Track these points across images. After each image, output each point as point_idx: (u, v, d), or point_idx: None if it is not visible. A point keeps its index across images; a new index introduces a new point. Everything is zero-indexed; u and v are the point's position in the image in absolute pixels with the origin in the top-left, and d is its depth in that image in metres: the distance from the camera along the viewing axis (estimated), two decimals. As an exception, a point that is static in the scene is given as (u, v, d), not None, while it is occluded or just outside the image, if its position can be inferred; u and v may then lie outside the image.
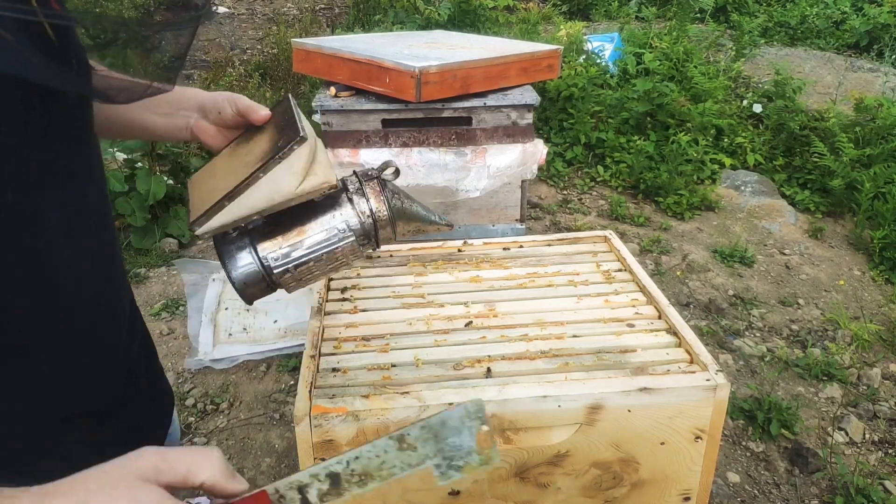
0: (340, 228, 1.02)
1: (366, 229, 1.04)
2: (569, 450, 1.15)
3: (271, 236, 1.00)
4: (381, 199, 1.05)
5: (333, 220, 1.02)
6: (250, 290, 1.01)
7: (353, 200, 1.04)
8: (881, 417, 2.49)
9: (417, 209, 1.15)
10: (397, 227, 1.09)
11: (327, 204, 1.02)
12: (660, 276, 3.35)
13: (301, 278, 1.03)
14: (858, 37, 5.98)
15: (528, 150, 2.41)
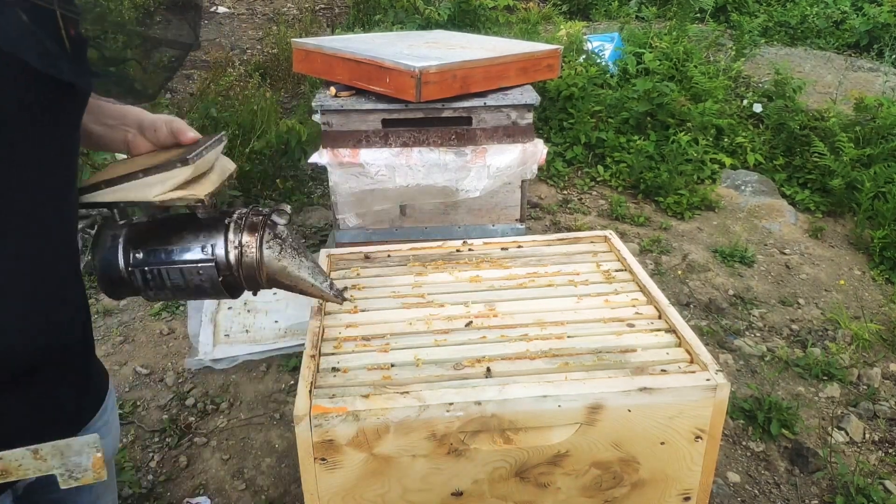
0: (205, 250, 1.00)
1: (229, 261, 1.00)
2: (569, 450, 1.15)
3: (143, 237, 1.01)
4: (255, 235, 1.01)
5: (199, 240, 1.00)
6: (107, 277, 1.00)
7: (228, 228, 1.01)
8: (881, 417, 2.49)
9: (296, 266, 1.06)
10: (265, 272, 1.03)
11: (203, 224, 1.01)
12: (660, 275, 3.35)
13: (153, 287, 1.01)
14: (858, 36, 5.98)
15: (528, 149, 2.41)
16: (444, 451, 1.13)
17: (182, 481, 2.20)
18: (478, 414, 1.11)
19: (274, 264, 1.03)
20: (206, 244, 1.00)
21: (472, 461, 1.14)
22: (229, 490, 2.17)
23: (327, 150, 2.38)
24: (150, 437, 2.37)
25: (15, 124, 0.78)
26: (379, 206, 2.46)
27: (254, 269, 1.01)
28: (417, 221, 2.52)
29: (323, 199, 4.02)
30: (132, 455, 2.29)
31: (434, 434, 1.11)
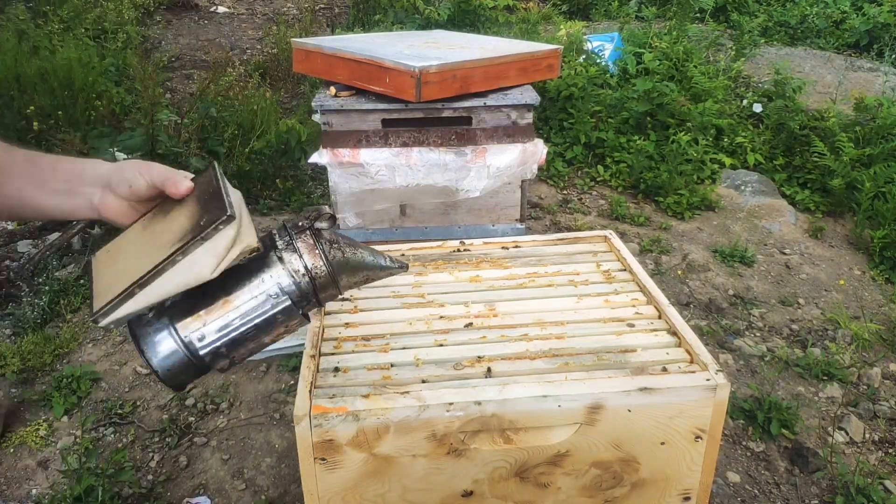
0: (272, 293, 0.89)
1: (303, 290, 0.90)
2: (569, 450, 1.15)
3: (193, 312, 0.87)
4: (315, 253, 0.91)
5: (263, 284, 0.89)
6: (179, 378, 0.88)
7: (283, 259, 0.90)
8: (881, 417, 2.49)
9: (363, 257, 0.99)
10: (342, 281, 0.95)
11: (254, 267, 0.89)
12: (660, 275, 3.35)
13: (236, 356, 0.91)
14: (858, 36, 5.98)
15: (528, 149, 2.41)
16: (444, 451, 1.13)
17: (182, 481, 2.20)
18: (478, 414, 1.11)
19: (345, 269, 0.96)
20: (271, 286, 0.89)
21: (472, 461, 1.14)
22: (229, 490, 2.17)
23: (327, 150, 2.38)
24: (150, 437, 2.37)
25: None
26: (379, 205, 2.46)
27: (330, 285, 0.93)
28: (417, 221, 2.52)
29: (323, 199, 4.02)
30: (132, 455, 2.29)
31: (434, 434, 1.11)
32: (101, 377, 2.64)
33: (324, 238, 0.94)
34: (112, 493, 2.09)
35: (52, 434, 2.38)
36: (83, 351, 2.79)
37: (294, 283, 0.90)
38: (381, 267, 1.03)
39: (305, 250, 0.91)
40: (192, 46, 5.95)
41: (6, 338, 2.85)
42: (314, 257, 0.91)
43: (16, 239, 3.56)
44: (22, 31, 4.96)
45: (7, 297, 3.11)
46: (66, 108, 4.24)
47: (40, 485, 2.20)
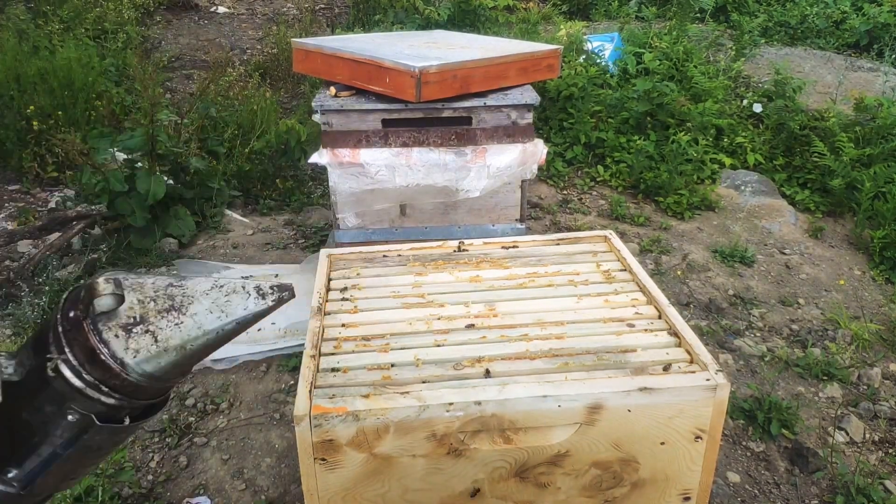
0: (71, 425, 0.68)
1: (109, 404, 0.68)
2: (569, 450, 1.15)
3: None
4: (100, 342, 0.68)
5: (45, 412, 0.68)
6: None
7: (60, 370, 0.68)
8: (881, 417, 2.49)
9: (194, 320, 0.71)
10: (166, 361, 0.71)
11: (31, 396, 0.69)
12: (660, 275, 3.35)
13: (50, 490, 0.74)
14: (858, 36, 5.98)
15: (528, 149, 2.41)
16: (444, 450, 1.13)
17: (182, 481, 2.20)
18: (478, 414, 1.11)
19: (153, 355, 0.69)
20: (61, 408, 0.68)
21: (472, 461, 1.14)
22: (229, 490, 2.17)
23: (327, 150, 2.38)
24: (150, 437, 2.37)
25: None
26: (379, 205, 2.46)
27: (138, 383, 0.69)
28: (417, 221, 2.52)
29: (323, 199, 4.02)
30: (132, 455, 2.29)
31: (434, 434, 1.11)
32: (101, 377, 2.64)
33: (109, 320, 0.68)
34: (112, 493, 2.09)
35: (52, 434, 2.38)
36: (83, 351, 2.79)
37: (86, 401, 0.68)
38: (215, 333, 0.72)
39: (88, 341, 0.68)
40: (192, 46, 5.95)
41: (6, 338, 2.85)
42: (113, 347, 0.68)
43: (16, 239, 3.56)
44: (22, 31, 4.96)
45: (7, 297, 3.11)
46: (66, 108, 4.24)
47: (40, 485, 2.20)
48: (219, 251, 3.50)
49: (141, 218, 3.37)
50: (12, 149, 4.17)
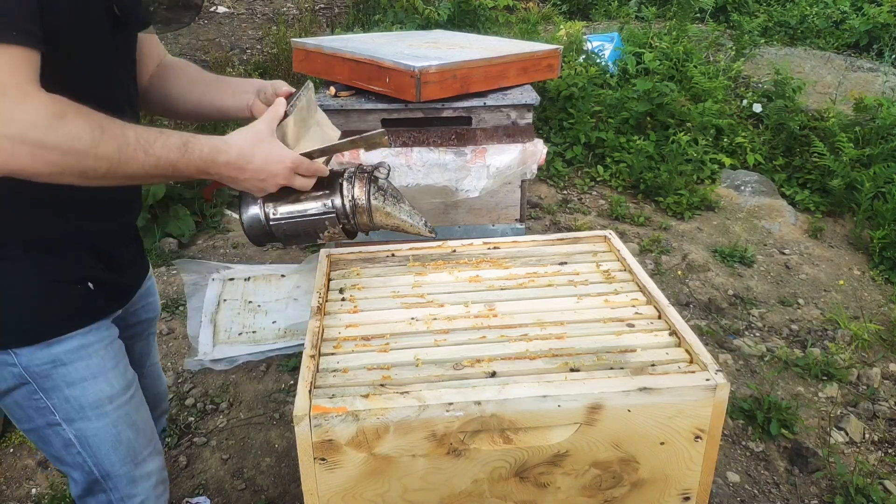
0: (325, 203, 1.24)
1: (346, 210, 1.25)
2: (569, 450, 1.16)
3: (277, 199, 1.24)
4: (363, 189, 1.25)
5: (322, 196, 1.24)
6: (253, 231, 1.26)
7: (342, 186, 1.25)
8: (881, 417, 2.50)
9: (399, 210, 1.30)
10: (375, 218, 1.27)
11: (324, 184, 1.25)
12: (660, 275, 3.35)
13: (289, 233, 1.26)
14: (858, 36, 5.98)
15: (528, 149, 2.41)
16: (443, 450, 1.13)
17: (182, 481, 2.20)
18: (477, 414, 1.11)
19: (380, 212, 1.27)
20: (327, 200, 1.24)
21: (472, 461, 1.15)
22: (229, 490, 2.17)
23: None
24: (150, 436, 2.37)
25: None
26: (379, 205, 2.46)
27: (365, 215, 1.26)
28: (417, 221, 2.51)
29: (323, 199, 4.02)
30: (132, 455, 2.29)
31: (434, 434, 1.11)
32: (101, 377, 2.64)
33: (377, 184, 1.26)
34: (112, 493, 2.09)
35: (52, 434, 2.38)
36: (83, 351, 2.79)
37: (341, 204, 1.24)
38: (409, 224, 1.31)
39: (357, 185, 1.25)
40: (191, 46, 5.95)
41: (6, 337, 2.85)
42: (361, 192, 1.25)
43: (16, 239, 3.55)
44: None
45: (7, 296, 3.11)
46: (65, 108, 4.24)
47: (40, 485, 2.20)
48: (219, 251, 3.50)
49: (140, 218, 3.37)
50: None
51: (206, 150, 1.08)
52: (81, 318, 1.17)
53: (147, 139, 1.02)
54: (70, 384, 1.17)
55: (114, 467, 1.24)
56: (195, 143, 1.07)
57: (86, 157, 0.96)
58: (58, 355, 1.15)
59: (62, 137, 0.93)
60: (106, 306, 1.24)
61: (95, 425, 1.20)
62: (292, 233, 1.26)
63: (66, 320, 1.16)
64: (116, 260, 1.27)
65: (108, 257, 1.24)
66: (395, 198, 1.29)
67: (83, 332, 1.17)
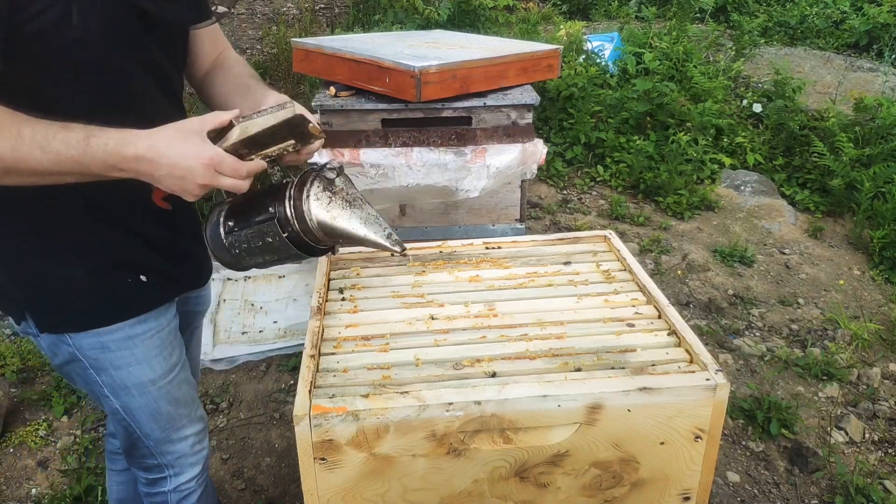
0: (269, 211, 1.11)
1: (287, 217, 1.10)
2: (569, 450, 1.16)
3: (236, 209, 1.16)
4: (304, 190, 1.10)
5: (268, 202, 1.12)
6: (215, 247, 1.18)
7: (288, 187, 1.12)
8: (881, 417, 2.50)
9: (350, 217, 1.13)
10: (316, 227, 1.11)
11: (274, 190, 1.13)
12: (660, 275, 3.35)
13: (244, 252, 1.15)
14: (858, 36, 5.98)
15: (528, 149, 2.41)
16: (443, 450, 1.13)
17: (182, 481, 2.20)
18: (477, 414, 1.11)
19: (322, 215, 1.09)
20: (272, 204, 1.10)
21: (472, 461, 1.15)
22: (229, 490, 2.17)
23: (327, 149, 2.38)
24: (150, 436, 2.37)
25: None
26: (379, 205, 2.46)
27: (305, 221, 1.09)
28: (417, 221, 2.52)
29: (323, 199, 4.01)
30: (132, 455, 2.29)
31: (434, 434, 1.11)
32: (101, 377, 2.64)
33: (324, 184, 1.11)
34: (112, 493, 2.09)
35: (52, 434, 2.38)
36: (83, 351, 2.79)
37: (283, 207, 1.10)
38: (361, 236, 1.13)
39: (299, 185, 1.10)
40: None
41: (6, 338, 2.85)
42: (300, 192, 1.09)
43: (16, 239, 3.55)
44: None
45: (7, 296, 3.11)
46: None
47: (40, 484, 2.20)
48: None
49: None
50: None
51: (112, 144, 1.01)
52: (129, 309, 1.24)
53: (46, 135, 0.98)
54: (116, 368, 1.26)
55: (153, 432, 1.35)
56: (99, 137, 1.00)
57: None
58: (105, 343, 1.23)
59: None
60: (158, 296, 1.29)
61: (139, 401, 1.31)
62: (242, 248, 1.15)
63: (112, 312, 1.23)
64: (170, 249, 1.30)
65: (161, 246, 1.27)
66: (346, 202, 1.12)
67: (131, 322, 1.24)
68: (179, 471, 1.42)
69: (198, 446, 1.44)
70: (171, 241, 1.30)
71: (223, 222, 1.15)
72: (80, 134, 1.00)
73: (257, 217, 1.12)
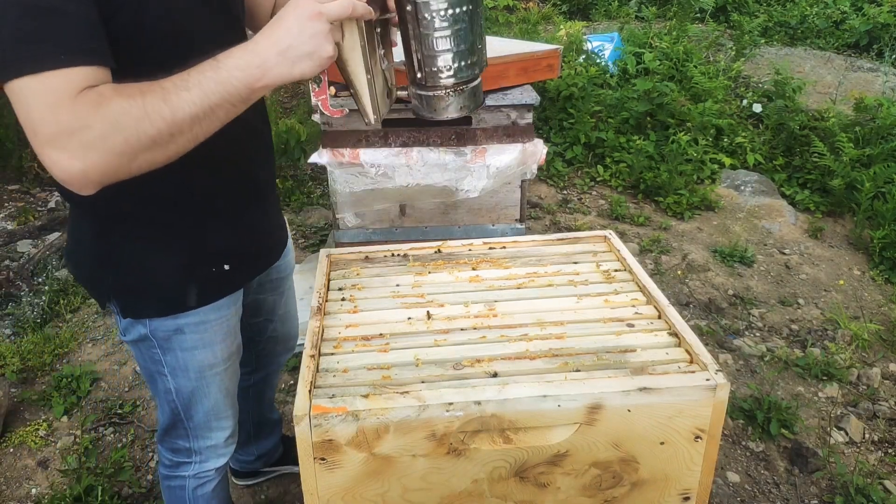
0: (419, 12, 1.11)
1: None
2: (568, 450, 1.16)
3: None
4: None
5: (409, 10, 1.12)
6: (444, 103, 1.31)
7: None
8: (881, 417, 2.50)
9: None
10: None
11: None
12: (660, 275, 3.35)
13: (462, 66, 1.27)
14: (858, 36, 5.98)
15: (528, 149, 2.41)
16: (443, 450, 1.13)
17: (182, 481, 2.20)
18: (477, 414, 1.11)
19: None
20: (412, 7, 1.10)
21: (472, 461, 1.15)
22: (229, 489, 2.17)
23: (327, 149, 2.38)
24: (150, 436, 2.37)
25: None
26: (379, 205, 2.46)
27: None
28: (417, 221, 2.52)
29: (323, 199, 4.02)
30: (132, 455, 2.30)
31: (434, 434, 1.11)
32: (101, 377, 2.64)
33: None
34: (112, 493, 2.09)
35: (52, 434, 2.38)
36: (83, 351, 2.79)
37: None
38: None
39: None
40: None
41: (6, 338, 2.85)
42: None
43: (16, 239, 3.56)
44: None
45: (7, 297, 3.11)
46: (65, 108, 4.23)
47: (40, 484, 2.20)
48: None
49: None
50: (12, 149, 4.17)
51: (236, 52, 0.98)
52: (208, 297, 1.31)
53: (181, 77, 0.97)
54: (184, 349, 1.33)
55: (197, 416, 1.42)
56: (225, 55, 0.99)
57: (142, 123, 0.95)
58: (180, 326, 1.30)
59: (112, 120, 0.94)
60: (236, 282, 1.36)
61: (194, 384, 1.38)
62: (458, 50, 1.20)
63: (194, 300, 1.29)
64: (254, 228, 1.38)
65: (246, 226, 1.35)
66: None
67: (209, 308, 1.31)
68: (205, 459, 1.49)
69: (231, 440, 1.51)
70: (259, 219, 1.39)
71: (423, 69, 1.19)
72: (209, 62, 0.98)
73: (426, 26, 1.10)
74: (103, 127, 0.94)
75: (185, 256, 1.26)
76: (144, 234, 1.24)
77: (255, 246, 1.40)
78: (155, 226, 1.24)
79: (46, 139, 0.93)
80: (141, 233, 1.24)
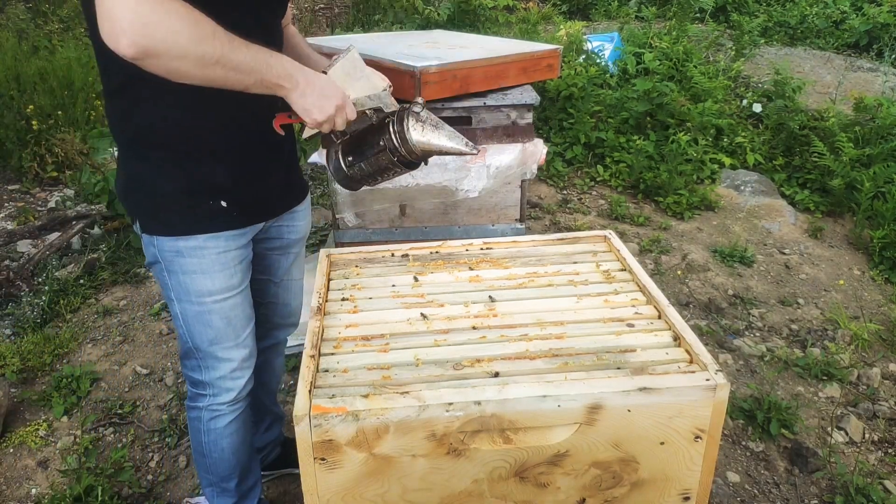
0: (380, 142, 1.45)
1: (395, 145, 1.43)
2: (568, 450, 1.16)
3: (351, 146, 1.51)
4: (403, 123, 1.43)
5: (377, 137, 1.46)
6: (339, 177, 1.54)
7: (390, 124, 1.44)
8: (881, 417, 2.50)
9: (438, 136, 1.46)
10: (419, 144, 1.43)
11: (378, 127, 1.47)
12: (660, 275, 3.35)
13: (365, 173, 1.52)
14: (858, 36, 5.98)
15: (528, 149, 2.41)
16: (443, 450, 1.13)
17: (182, 481, 2.20)
18: (477, 414, 1.11)
19: (420, 139, 1.43)
20: (381, 139, 1.44)
21: (472, 461, 1.15)
22: (229, 490, 2.17)
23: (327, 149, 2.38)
24: (150, 437, 2.37)
25: None
26: (378, 205, 2.46)
27: (409, 145, 1.43)
28: (417, 221, 2.52)
29: (323, 199, 4.02)
30: (132, 455, 2.29)
31: (434, 434, 1.11)
32: (101, 377, 2.64)
33: (417, 116, 1.44)
34: (112, 493, 2.09)
35: (52, 434, 2.38)
36: (83, 351, 2.79)
37: (391, 140, 1.43)
38: (448, 147, 1.46)
39: (398, 121, 1.44)
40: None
41: (6, 338, 2.85)
42: (402, 126, 1.43)
43: (16, 239, 3.56)
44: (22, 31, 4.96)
45: (7, 297, 3.11)
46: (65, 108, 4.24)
47: (40, 485, 2.20)
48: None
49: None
50: (12, 149, 4.17)
51: (287, 61, 1.29)
52: (205, 226, 1.45)
53: (240, 40, 1.20)
54: (184, 273, 1.47)
55: (202, 344, 1.55)
56: (285, 57, 1.31)
57: (206, 37, 1.15)
58: (180, 249, 1.45)
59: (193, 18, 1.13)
60: (234, 221, 1.48)
61: (195, 309, 1.51)
62: (367, 173, 1.51)
63: (193, 224, 1.44)
64: (258, 177, 1.51)
65: (250, 173, 1.49)
66: (433, 125, 1.46)
67: (205, 237, 1.45)
68: (217, 392, 1.61)
69: (238, 373, 1.60)
70: (265, 170, 1.53)
71: (343, 159, 1.50)
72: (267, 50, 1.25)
73: (371, 150, 1.46)
74: (182, 14, 1.12)
75: (185, 184, 1.42)
76: (157, 158, 1.41)
77: (259, 193, 1.52)
78: (165, 154, 1.40)
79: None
80: (154, 157, 1.41)
